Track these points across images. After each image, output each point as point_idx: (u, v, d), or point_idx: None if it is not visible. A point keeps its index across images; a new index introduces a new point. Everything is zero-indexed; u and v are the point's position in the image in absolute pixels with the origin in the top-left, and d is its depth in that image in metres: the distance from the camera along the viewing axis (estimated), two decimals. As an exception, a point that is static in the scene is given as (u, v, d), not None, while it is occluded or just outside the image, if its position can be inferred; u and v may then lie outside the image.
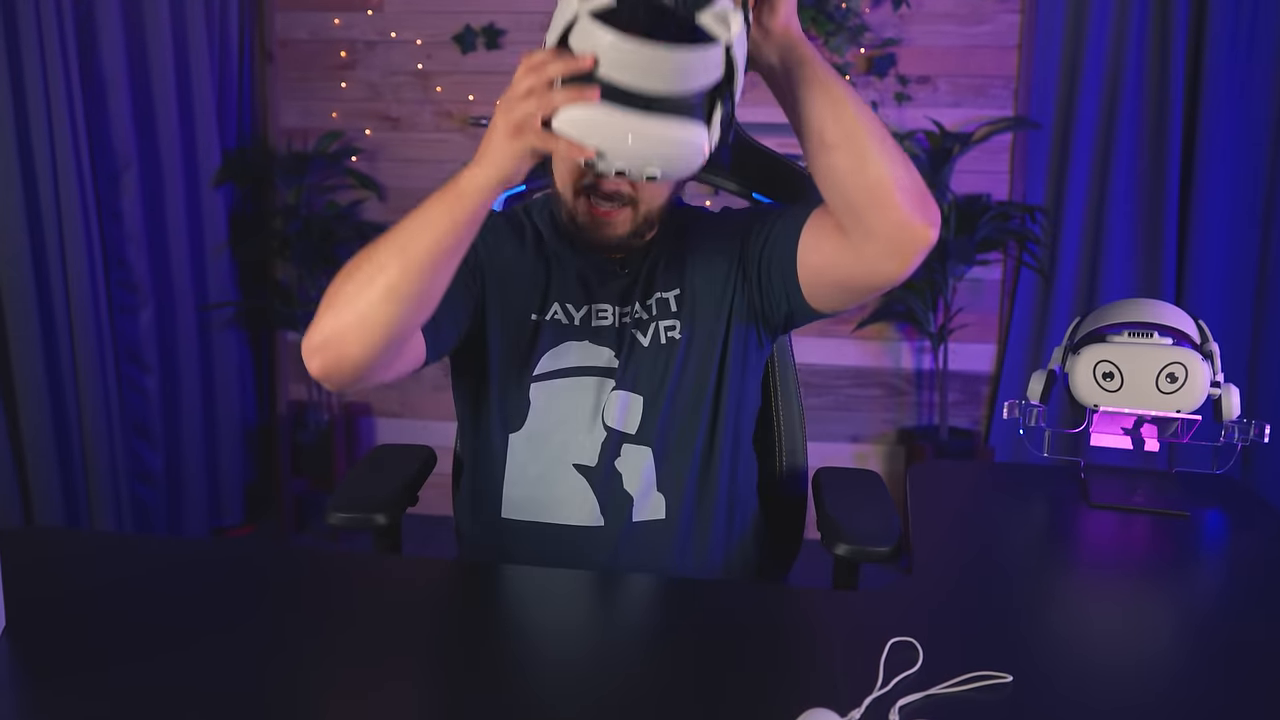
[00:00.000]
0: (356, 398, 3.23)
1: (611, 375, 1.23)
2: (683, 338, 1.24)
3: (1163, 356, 1.29)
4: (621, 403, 1.22)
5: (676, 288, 1.26)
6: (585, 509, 1.21)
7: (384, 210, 3.13)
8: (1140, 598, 1.09)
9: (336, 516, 1.19)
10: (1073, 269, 2.93)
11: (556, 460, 1.22)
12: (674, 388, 1.24)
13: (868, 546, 1.21)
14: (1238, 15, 2.73)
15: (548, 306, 1.25)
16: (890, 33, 2.88)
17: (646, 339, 1.24)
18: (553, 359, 1.23)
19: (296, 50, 3.10)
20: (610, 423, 1.22)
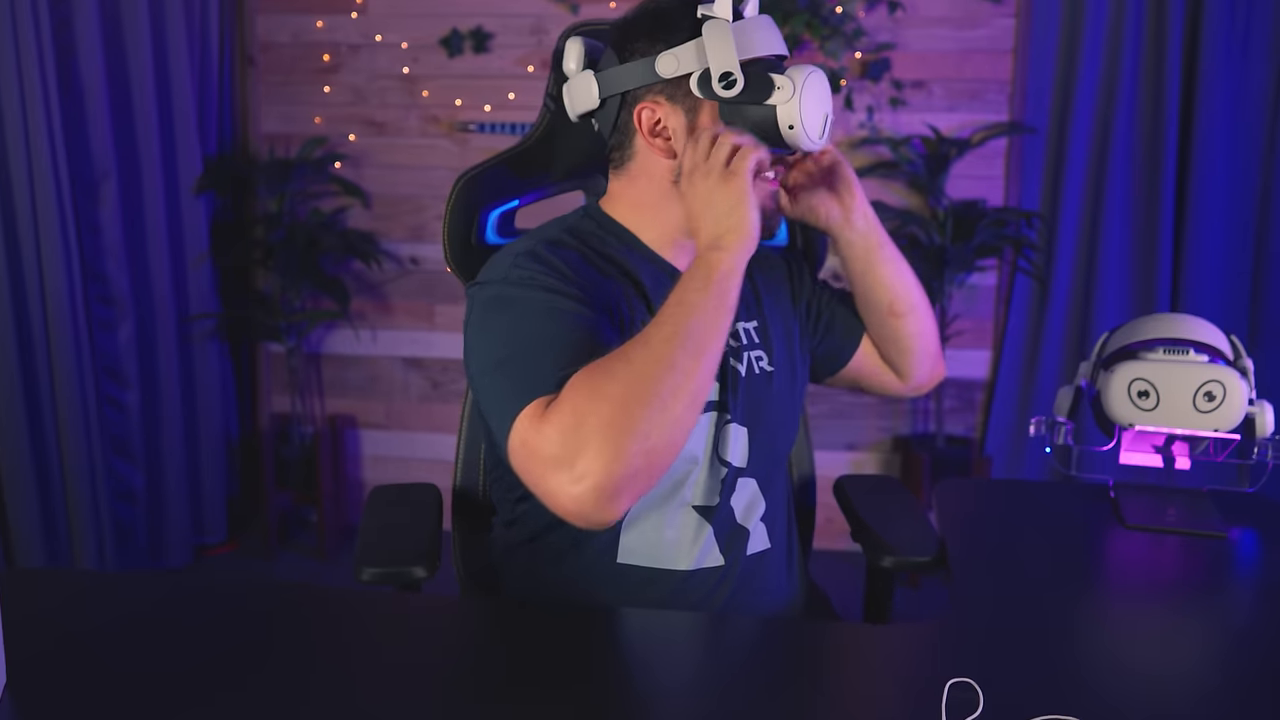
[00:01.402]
0: (342, 410, 3.16)
1: (722, 408, 1.17)
2: (774, 369, 1.22)
3: (1200, 375, 1.25)
4: (735, 436, 1.17)
5: (754, 319, 1.24)
6: (707, 550, 1.16)
7: (369, 218, 3.06)
8: (1193, 627, 1.06)
9: (369, 572, 1.12)
10: (1068, 274, 2.91)
11: (679, 504, 1.15)
12: (773, 418, 1.21)
13: (912, 557, 1.24)
14: (1233, 20, 2.73)
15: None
16: (885, 37, 2.85)
17: (743, 369, 1.20)
18: None
19: (278, 54, 3.02)
20: (727, 457, 1.17)
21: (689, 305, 0.97)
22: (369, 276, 3.07)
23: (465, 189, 1.36)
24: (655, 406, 0.91)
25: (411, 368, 3.13)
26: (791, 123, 1.07)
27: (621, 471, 0.89)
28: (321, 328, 3.11)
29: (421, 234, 3.06)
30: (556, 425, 0.91)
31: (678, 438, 0.93)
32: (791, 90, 1.07)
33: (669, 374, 0.92)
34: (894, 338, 1.26)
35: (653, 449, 0.90)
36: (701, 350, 0.95)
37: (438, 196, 3.04)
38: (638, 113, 1.13)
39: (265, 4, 2.99)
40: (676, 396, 0.92)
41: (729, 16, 1.08)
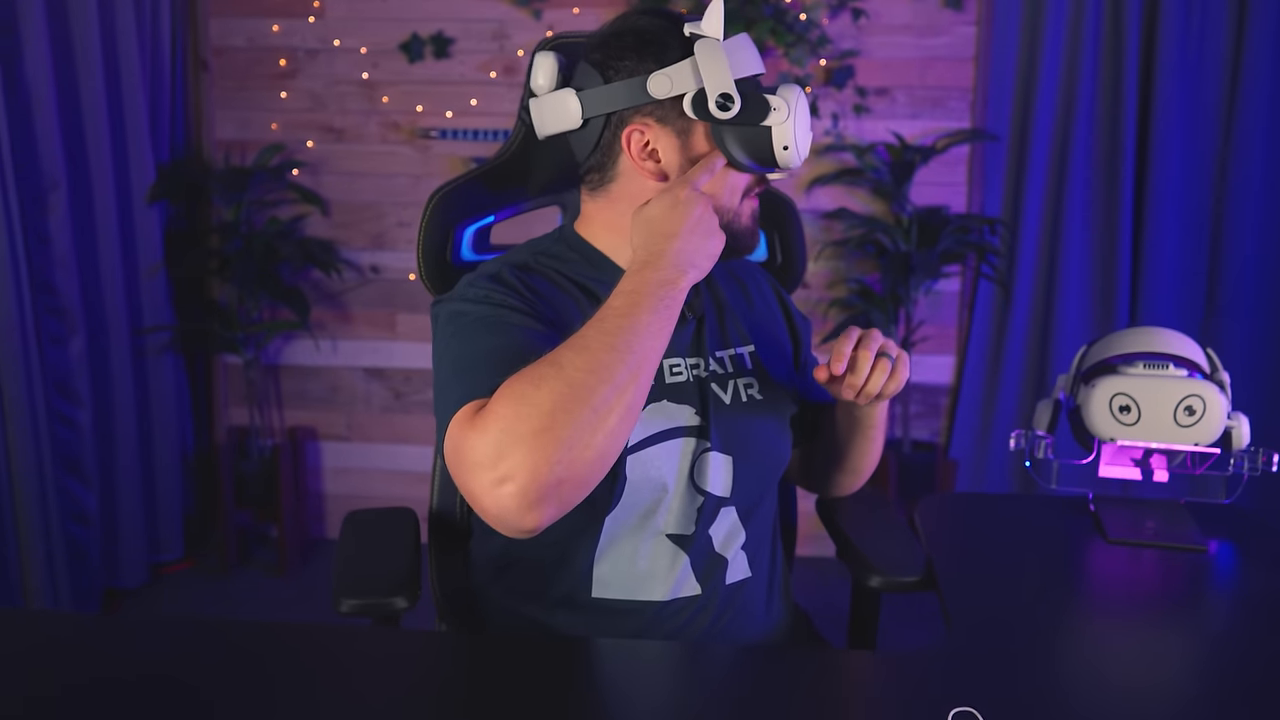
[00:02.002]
0: (302, 422, 3.09)
1: (700, 435, 1.14)
2: (764, 397, 1.20)
3: (1180, 389, 1.26)
4: (715, 465, 1.15)
5: (750, 344, 1.22)
6: (683, 580, 1.13)
7: (328, 226, 3.00)
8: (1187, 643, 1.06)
9: (348, 604, 1.08)
10: (1029, 280, 2.94)
11: (651, 533, 1.12)
12: (761, 447, 1.19)
13: (899, 576, 1.22)
14: (1187, 28, 2.77)
15: None
16: (848, 44, 2.86)
17: (728, 396, 1.17)
18: (642, 426, 1.12)
19: (233, 59, 2.95)
20: (705, 486, 1.14)
21: (637, 320, 0.95)
22: (328, 286, 3.01)
23: (439, 206, 1.33)
24: (585, 417, 0.89)
25: (373, 378, 3.07)
26: (786, 143, 1.07)
27: (545, 479, 0.87)
28: (280, 338, 3.04)
29: (382, 242, 3.01)
30: (483, 429, 0.89)
31: (607, 450, 0.91)
32: (787, 111, 1.06)
33: (603, 386, 0.91)
34: (828, 481, 1.33)
35: (578, 459, 0.89)
36: (641, 365, 0.94)
37: (398, 204, 2.99)
38: (626, 135, 1.10)
39: (219, 7, 2.92)
40: (610, 409, 0.91)
41: (720, 35, 1.06)
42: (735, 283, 1.26)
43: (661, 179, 1.11)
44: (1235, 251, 2.86)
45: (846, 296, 2.92)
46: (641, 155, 1.10)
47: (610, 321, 0.95)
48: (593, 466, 0.91)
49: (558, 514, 0.91)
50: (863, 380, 1.06)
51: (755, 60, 1.10)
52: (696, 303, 1.19)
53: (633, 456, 1.11)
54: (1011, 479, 3.01)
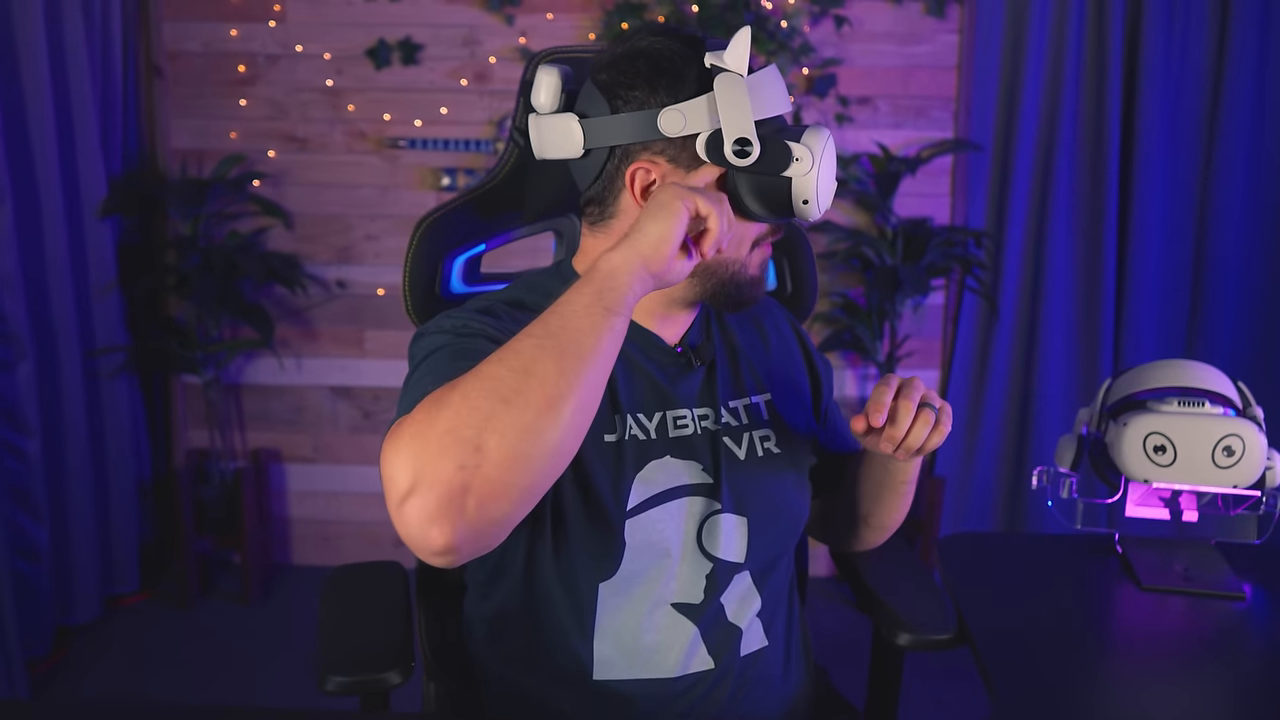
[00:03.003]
0: (266, 444, 2.96)
1: (710, 494, 1.05)
2: (781, 450, 1.10)
3: (1218, 428, 1.19)
4: (726, 527, 1.05)
5: (767, 391, 1.12)
6: (693, 654, 1.03)
7: (292, 240, 2.87)
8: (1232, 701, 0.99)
9: (335, 681, 0.97)
10: (1014, 293, 2.89)
11: (656, 604, 1.03)
12: (777, 506, 1.09)
13: (930, 635, 1.16)
14: (1169, 35, 2.74)
15: (623, 421, 1.04)
16: (830, 52, 2.79)
17: (742, 451, 1.08)
18: (643, 486, 1.02)
19: (188, 64, 2.81)
20: (716, 551, 1.05)
21: (566, 310, 0.84)
22: (292, 302, 2.88)
23: (427, 235, 1.23)
24: (496, 412, 0.76)
25: (340, 397, 2.95)
26: (807, 197, 0.97)
27: (447, 485, 0.74)
28: (241, 357, 2.91)
29: (348, 256, 2.88)
30: (394, 439, 0.78)
31: (528, 453, 0.76)
32: (811, 162, 0.96)
33: (520, 378, 0.77)
34: (845, 536, 1.24)
35: (486, 462, 0.74)
36: (569, 356, 0.79)
37: (365, 216, 2.87)
38: (631, 172, 1.00)
39: (172, 10, 2.78)
40: (529, 404, 0.77)
41: (744, 70, 0.96)
42: (751, 323, 1.17)
43: None
44: (1219, 261, 2.84)
45: (830, 311, 2.85)
46: (645, 194, 1.01)
47: (542, 317, 0.84)
48: (507, 473, 0.75)
49: (471, 535, 0.75)
50: (903, 433, 0.98)
51: (781, 98, 1.00)
52: (705, 347, 1.10)
53: (632, 520, 1.02)
54: (998, 496, 2.96)
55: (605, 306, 0.83)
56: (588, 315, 0.83)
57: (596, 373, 0.82)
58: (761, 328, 1.17)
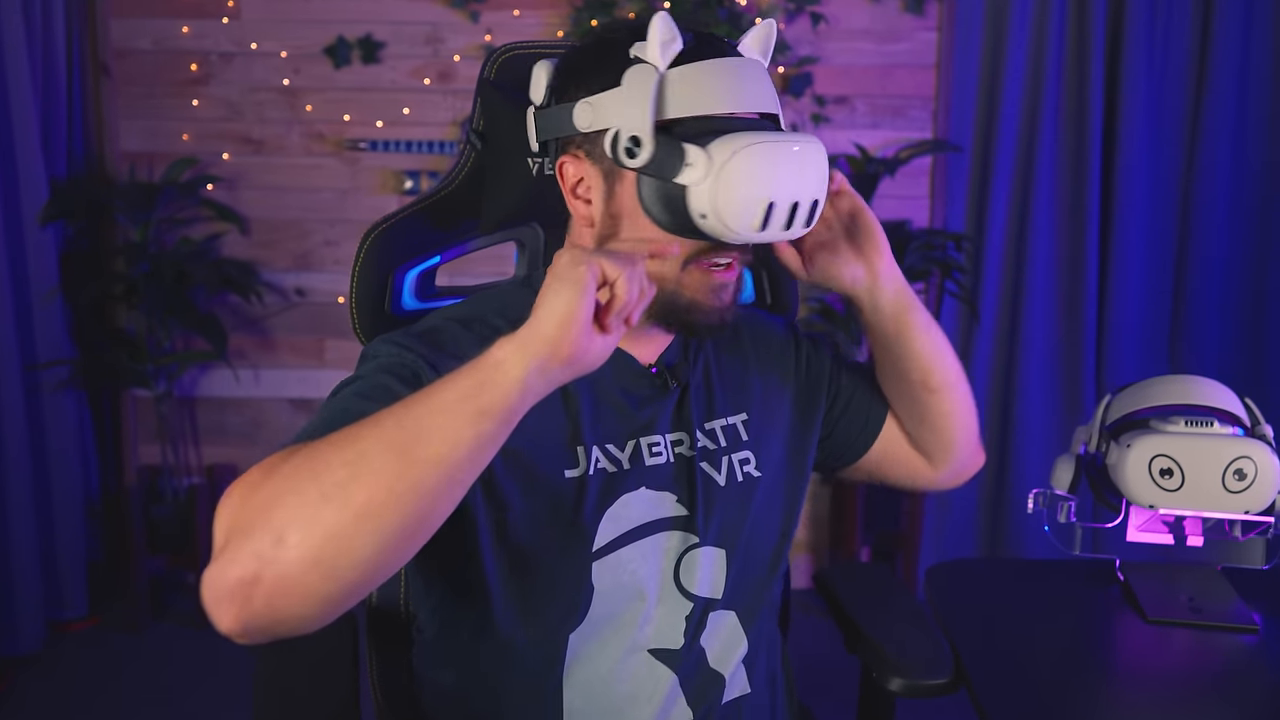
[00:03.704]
0: (222, 459, 2.84)
1: (687, 527, 0.95)
2: (762, 474, 1.00)
3: (1229, 450, 1.12)
4: (704, 561, 0.95)
5: (744, 410, 1.02)
6: (672, 705, 0.94)
7: (247, 246, 2.75)
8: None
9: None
10: (994, 296, 2.82)
11: (631, 650, 0.93)
12: (759, 536, 1.00)
13: (925, 679, 1.06)
14: (1151, 32, 2.68)
15: (586, 454, 0.93)
16: (806, 50, 2.70)
17: (722, 477, 0.98)
18: (612, 524, 0.92)
19: (137, 62, 2.68)
20: (694, 589, 0.95)
21: (430, 394, 0.71)
22: (248, 311, 2.75)
23: (375, 247, 1.12)
24: (305, 505, 0.66)
25: (300, 410, 2.83)
26: (703, 210, 0.84)
27: (237, 571, 0.66)
28: (195, 369, 2.78)
29: (307, 262, 2.77)
30: (232, 489, 0.70)
31: (332, 559, 0.66)
32: (706, 170, 0.82)
33: (347, 472, 0.67)
34: (927, 417, 1.05)
35: (282, 559, 0.65)
36: (408, 458, 0.67)
37: (324, 221, 2.76)
38: (560, 165, 0.93)
39: (120, 6, 2.65)
40: (344, 505, 0.66)
41: (659, 61, 0.86)
42: (731, 337, 1.07)
43: (588, 224, 0.93)
44: (1203, 263, 2.79)
45: (808, 316, 2.77)
46: (573, 192, 0.93)
47: (407, 400, 0.72)
48: (304, 575, 0.66)
49: (259, 627, 0.67)
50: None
51: (724, 96, 0.86)
52: (682, 368, 1.01)
53: (600, 562, 0.92)
54: (980, 502, 2.89)
55: (479, 407, 0.70)
56: (453, 414, 0.69)
57: (445, 485, 0.69)
58: (741, 341, 1.07)
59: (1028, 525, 2.80)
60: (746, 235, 0.86)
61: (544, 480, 0.91)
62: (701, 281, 0.91)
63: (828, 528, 2.84)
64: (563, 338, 0.72)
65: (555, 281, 0.74)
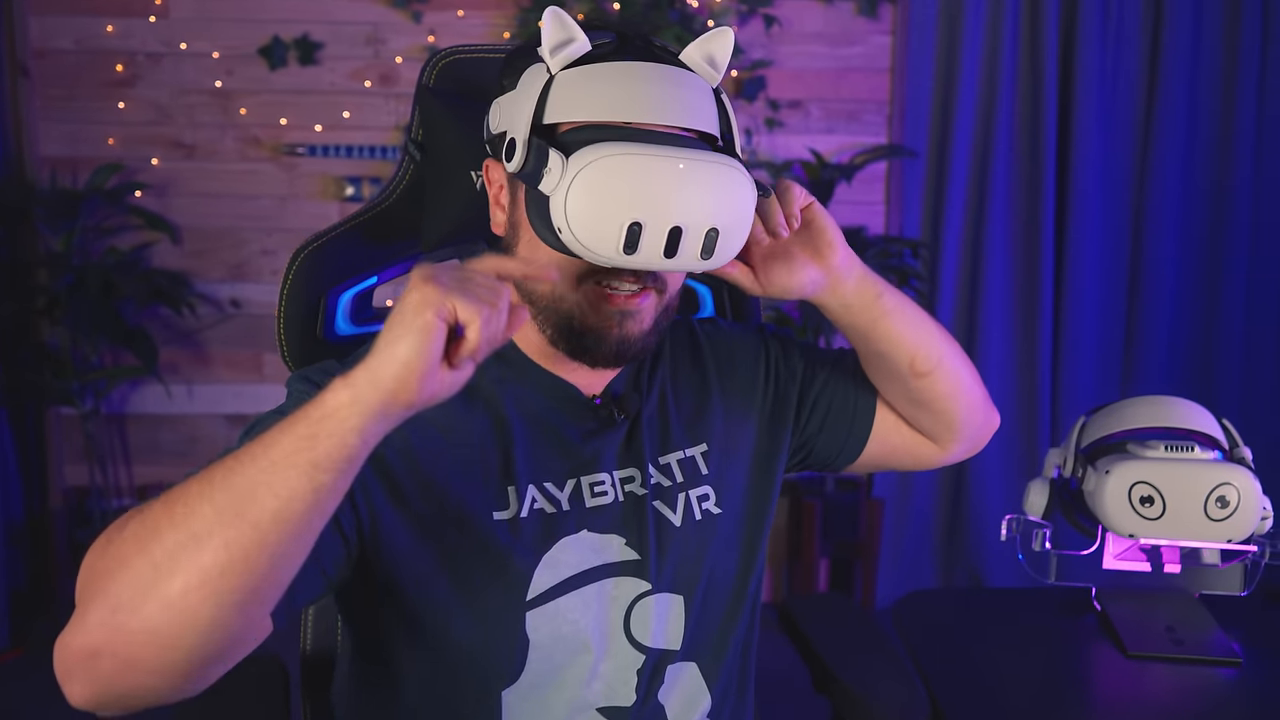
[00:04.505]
0: (155, 479, 2.70)
1: (637, 573, 0.87)
2: (723, 510, 0.92)
3: (1210, 477, 1.07)
4: (658, 609, 0.87)
5: (703, 441, 0.94)
6: None
7: (179, 256, 2.62)
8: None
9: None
10: (950, 303, 2.79)
11: (578, 709, 0.85)
12: (721, 578, 0.91)
13: None
14: (1104, 35, 2.67)
15: (519, 494, 0.85)
16: (759, 53, 2.65)
17: (678, 516, 0.90)
18: (549, 570, 0.84)
19: (58, 62, 2.54)
20: (647, 640, 0.87)
21: (262, 447, 0.64)
22: (180, 324, 2.63)
23: (304, 267, 1.03)
24: (141, 572, 0.62)
25: (237, 426, 2.70)
26: (559, 224, 0.76)
27: (80, 641, 0.63)
28: (125, 386, 2.65)
29: (243, 272, 2.65)
30: (96, 542, 0.67)
31: (162, 626, 0.62)
32: (559, 176, 0.75)
33: (175, 534, 0.62)
34: (923, 401, 0.95)
35: (123, 627, 0.62)
36: (238, 518, 0.62)
37: (261, 229, 2.64)
38: (485, 169, 0.89)
39: (40, 3, 2.51)
40: (172, 568, 0.62)
41: (549, 60, 0.79)
42: (688, 358, 0.99)
43: (503, 232, 0.88)
44: (1155, 264, 2.78)
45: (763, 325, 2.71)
46: (495, 198, 0.88)
47: (237, 453, 0.66)
48: (143, 644, 0.62)
49: (111, 700, 0.64)
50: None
51: (620, 101, 0.77)
52: (630, 398, 0.93)
53: (535, 612, 0.84)
54: (936, 518, 2.86)
55: (313, 460, 0.63)
56: (285, 468, 0.63)
57: (285, 542, 0.63)
58: (702, 361, 0.99)
59: (986, 534, 2.78)
60: (611, 257, 0.76)
61: (471, 521, 0.83)
62: (595, 304, 0.83)
63: (785, 538, 2.79)
64: (401, 389, 0.64)
65: (398, 326, 0.65)
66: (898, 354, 0.92)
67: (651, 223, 0.74)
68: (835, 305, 0.89)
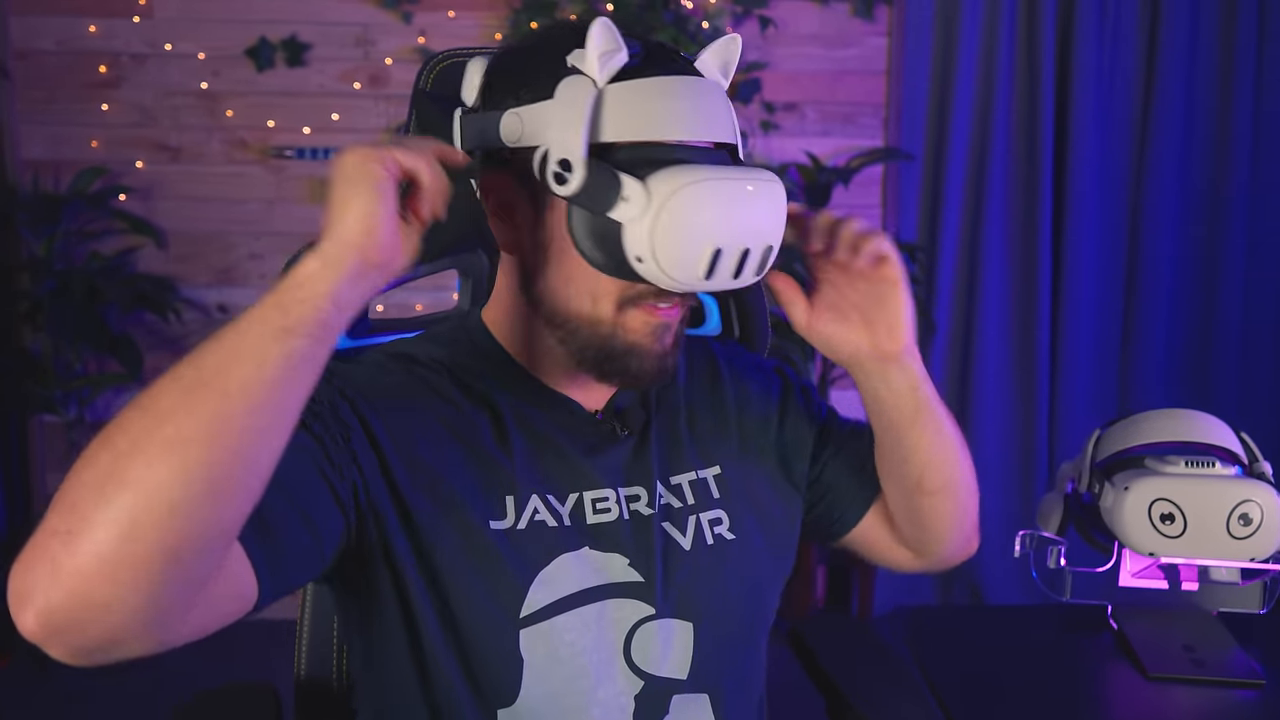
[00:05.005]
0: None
1: (640, 595, 0.83)
2: (737, 536, 0.88)
3: (1233, 494, 1.04)
4: (663, 635, 0.83)
5: (716, 463, 0.90)
6: None
7: (165, 260, 2.57)
8: None
9: None
10: (948, 305, 2.77)
11: None
12: (734, 604, 0.87)
13: None
14: (1100, 36, 2.65)
15: (519, 504, 0.82)
16: (754, 55, 2.61)
17: (688, 539, 0.86)
18: (545, 587, 0.80)
19: (40, 64, 2.49)
20: (650, 667, 0.83)
21: (231, 326, 0.63)
22: (166, 330, 2.58)
23: (299, 279, 0.99)
24: (103, 459, 0.59)
25: (224, 434, 2.66)
26: (639, 253, 0.73)
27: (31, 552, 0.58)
28: (110, 393, 2.60)
29: (229, 277, 2.60)
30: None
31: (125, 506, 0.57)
32: (645, 204, 0.72)
33: (141, 420, 0.59)
34: (917, 516, 0.91)
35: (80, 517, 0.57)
36: (211, 385, 0.60)
37: (248, 233, 2.59)
38: (484, 180, 0.81)
39: (21, 3, 2.47)
40: (136, 446, 0.58)
41: (595, 75, 0.74)
42: (706, 377, 0.96)
43: (514, 250, 0.82)
44: (1153, 268, 2.76)
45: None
46: (496, 210, 0.81)
47: (204, 343, 0.63)
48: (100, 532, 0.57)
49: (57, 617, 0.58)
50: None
51: (674, 120, 0.75)
52: (634, 413, 0.89)
53: (529, 630, 0.80)
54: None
55: (284, 325, 0.62)
56: (255, 336, 0.62)
57: (257, 414, 0.61)
58: (720, 382, 0.95)
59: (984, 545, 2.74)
60: (689, 284, 0.74)
61: (473, 529, 0.80)
62: (643, 323, 0.80)
63: (781, 547, 2.76)
64: (370, 243, 0.66)
65: (345, 184, 0.66)
66: (911, 466, 0.87)
67: (729, 247, 0.74)
68: (871, 390, 0.85)
